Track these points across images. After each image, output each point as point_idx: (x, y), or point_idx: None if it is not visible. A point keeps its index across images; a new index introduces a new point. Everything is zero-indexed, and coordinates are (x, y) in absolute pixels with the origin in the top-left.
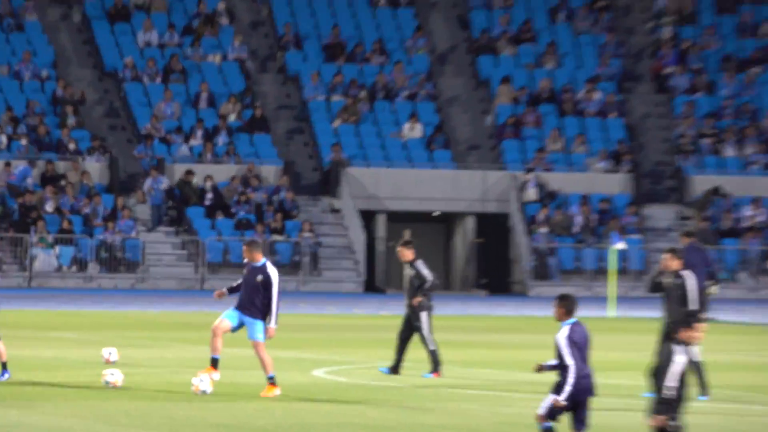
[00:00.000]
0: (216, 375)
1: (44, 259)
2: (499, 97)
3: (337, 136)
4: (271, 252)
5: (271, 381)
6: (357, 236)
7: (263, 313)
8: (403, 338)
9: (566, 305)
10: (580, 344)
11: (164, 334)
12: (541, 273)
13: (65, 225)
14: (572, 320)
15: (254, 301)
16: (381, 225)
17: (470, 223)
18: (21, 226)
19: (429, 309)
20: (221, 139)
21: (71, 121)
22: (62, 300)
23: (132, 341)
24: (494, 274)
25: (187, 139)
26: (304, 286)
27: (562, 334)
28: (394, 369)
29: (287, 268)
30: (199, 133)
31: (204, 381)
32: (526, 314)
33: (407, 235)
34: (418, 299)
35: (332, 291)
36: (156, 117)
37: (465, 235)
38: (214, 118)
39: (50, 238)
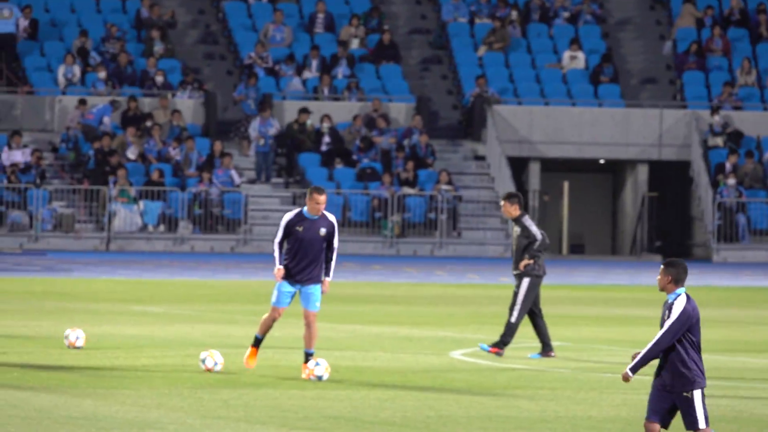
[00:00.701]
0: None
1: (125, 216)
2: (680, 19)
3: (482, 67)
4: (399, 208)
5: (310, 356)
6: (505, 189)
7: (321, 274)
8: (532, 313)
9: (674, 273)
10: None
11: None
12: (728, 234)
13: (152, 176)
14: (683, 290)
15: (316, 262)
16: (534, 175)
17: (643, 173)
18: (98, 176)
19: (538, 276)
20: (341, 71)
21: (159, 48)
22: (147, 266)
23: (232, 316)
24: (671, 236)
25: (299, 70)
26: (440, 250)
27: (680, 303)
28: (545, 351)
29: (420, 227)
30: (315, 63)
31: (320, 365)
32: (710, 284)
33: (566, 187)
34: (526, 261)
35: (475, 256)
36: (262, 44)
37: (636, 188)
38: (333, 45)
39: (133, 192)
